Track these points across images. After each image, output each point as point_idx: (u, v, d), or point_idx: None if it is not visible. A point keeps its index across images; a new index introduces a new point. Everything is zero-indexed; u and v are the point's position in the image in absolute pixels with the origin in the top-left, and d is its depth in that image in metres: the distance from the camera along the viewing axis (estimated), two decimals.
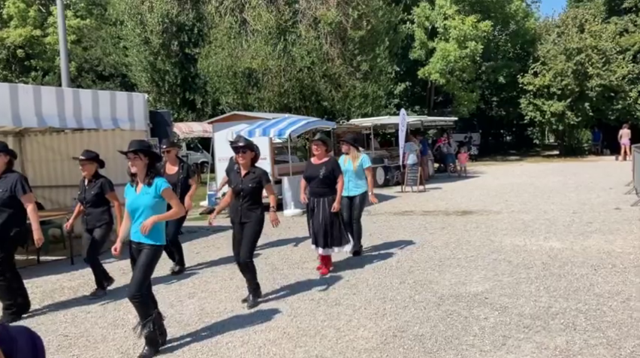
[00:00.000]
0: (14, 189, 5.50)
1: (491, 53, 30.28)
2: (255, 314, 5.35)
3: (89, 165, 6.38)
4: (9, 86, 7.73)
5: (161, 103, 21.50)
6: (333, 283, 6.34)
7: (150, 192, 4.49)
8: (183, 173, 7.44)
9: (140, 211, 4.48)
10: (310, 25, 20.60)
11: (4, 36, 29.26)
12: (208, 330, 4.98)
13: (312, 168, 6.77)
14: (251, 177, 5.63)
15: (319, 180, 6.63)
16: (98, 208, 6.40)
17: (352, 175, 7.51)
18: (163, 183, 4.56)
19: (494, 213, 10.88)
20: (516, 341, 4.31)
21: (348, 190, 7.49)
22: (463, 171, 20.72)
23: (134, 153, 4.47)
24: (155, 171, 4.59)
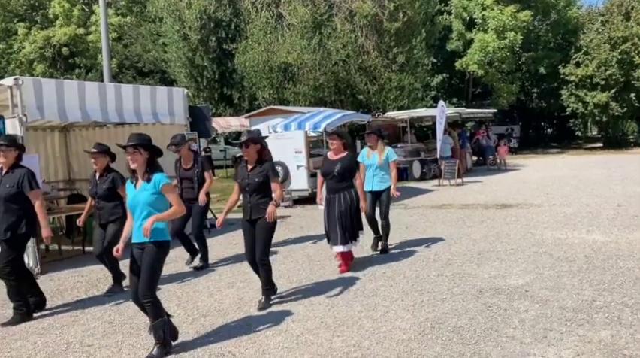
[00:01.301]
0: (21, 185, 5.29)
1: (531, 44, 29.51)
2: (292, 304, 5.40)
3: (101, 158, 6.20)
4: (55, 82, 8.01)
5: (199, 98, 21.84)
6: (369, 274, 6.34)
7: (149, 189, 4.28)
8: (198, 167, 7.28)
9: (140, 208, 4.28)
10: (346, 18, 20.53)
11: (50, 35, 30.21)
12: (246, 319, 5.06)
13: (328, 163, 6.49)
14: (257, 171, 5.33)
15: (334, 177, 6.37)
16: (110, 203, 6.19)
17: (377, 169, 7.23)
18: (163, 179, 4.31)
19: (535, 207, 10.65)
20: (558, 334, 4.22)
21: (372, 185, 7.25)
22: (503, 164, 20.33)
23: (134, 148, 4.24)
24: (155, 166, 4.36)
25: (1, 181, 5.34)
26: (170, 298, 5.83)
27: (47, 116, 7.75)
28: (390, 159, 7.28)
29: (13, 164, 5.38)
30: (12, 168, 5.36)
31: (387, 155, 7.28)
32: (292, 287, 6.01)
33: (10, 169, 5.36)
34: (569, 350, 3.92)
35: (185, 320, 5.12)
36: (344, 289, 5.79)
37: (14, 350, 4.60)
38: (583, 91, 27.40)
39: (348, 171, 6.36)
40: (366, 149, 7.48)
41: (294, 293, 5.78)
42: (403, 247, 7.70)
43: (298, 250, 7.86)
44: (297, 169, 13.15)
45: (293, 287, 6.01)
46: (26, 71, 29.56)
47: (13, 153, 5.39)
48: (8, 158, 5.35)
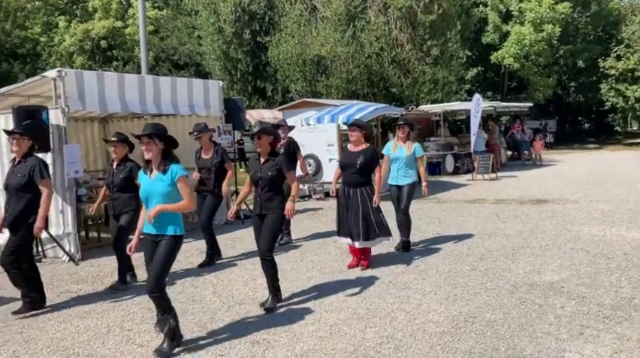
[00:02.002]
0: (32, 174, 5.22)
1: (570, 36, 28.80)
2: (325, 295, 5.46)
3: (120, 147, 6.11)
4: (96, 74, 8.24)
5: (233, 91, 22.05)
6: (401, 268, 6.35)
7: (165, 180, 4.18)
8: (217, 157, 7.12)
9: (155, 199, 4.18)
10: (380, 11, 20.38)
11: (90, 28, 30.91)
12: (281, 308, 5.14)
13: (349, 155, 6.29)
14: (270, 165, 5.15)
15: (355, 169, 6.14)
16: (125, 193, 6.04)
17: (403, 163, 7.04)
18: (179, 171, 4.22)
19: (571, 203, 10.45)
20: (595, 331, 4.17)
21: (397, 179, 7.10)
22: (538, 159, 19.96)
23: (149, 138, 4.15)
24: (171, 157, 4.26)
25: (14, 171, 5.34)
26: (205, 287, 5.96)
27: (88, 107, 7.97)
28: (417, 154, 7.10)
29: (25, 153, 5.36)
30: (24, 158, 5.34)
31: (414, 150, 7.08)
32: (325, 278, 6.07)
33: (23, 158, 5.33)
34: (606, 348, 3.88)
35: (221, 308, 5.23)
36: (376, 282, 5.81)
37: (59, 331, 4.79)
38: (623, 85, 26.65)
39: (370, 164, 6.18)
40: (392, 142, 7.30)
41: (327, 284, 5.83)
42: (436, 242, 7.67)
43: (330, 243, 7.91)
44: (329, 162, 13.20)
45: (325, 278, 6.07)
46: (66, 64, 30.33)
47: (26, 142, 5.38)
48: (22, 147, 5.33)
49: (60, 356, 4.25)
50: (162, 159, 4.21)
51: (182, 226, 4.30)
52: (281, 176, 5.16)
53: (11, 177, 5.31)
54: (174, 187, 4.19)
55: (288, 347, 4.19)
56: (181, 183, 4.20)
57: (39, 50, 32.84)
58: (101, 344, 4.46)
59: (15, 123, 6.73)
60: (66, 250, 7.30)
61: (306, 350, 4.13)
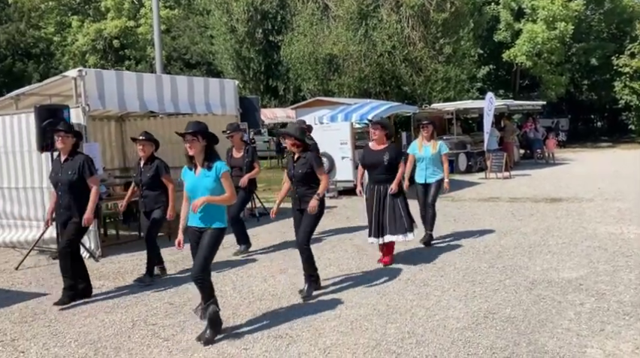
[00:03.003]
0: (81, 171, 5.47)
1: (583, 34, 28.60)
2: (344, 291, 5.52)
3: (148, 145, 6.34)
4: (115, 73, 8.35)
5: (245, 90, 22.17)
6: (419, 265, 6.39)
7: (211, 175, 4.40)
8: (248, 156, 7.56)
9: (201, 194, 4.37)
10: (392, 9, 20.40)
11: (102, 27, 31.20)
12: (300, 303, 5.21)
13: (373, 154, 6.39)
14: (301, 162, 5.42)
15: (384, 167, 6.26)
16: (154, 191, 6.29)
17: (430, 162, 7.30)
18: (223, 166, 4.46)
19: (586, 201, 10.43)
20: (616, 328, 4.20)
21: (425, 177, 7.34)
22: (551, 157, 19.88)
23: (193, 135, 4.36)
24: (214, 154, 4.48)
25: (62, 168, 5.54)
26: (225, 283, 6.05)
27: (108, 106, 8.09)
28: (442, 151, 7.34)
29: (71, 151, 5.58)
30: (71, 155, 5.56)
31: (439, 148, 7.32)
32: (343, 275, 6.13)
33: (70, 156, 5.56)
34: (628, 344, 3.91)
35: (242, 303, 5.31)
36: (395, 279, 5.87)
37: (85, 325, 4.90)
38: (637, 83, 26.41)
39: (396, 161, 6.30)
40: (417, 141, 7.51)
41: (345, 281, 5.90)
42: (452, 239, 7.70)
43: (346, 240, 7.97)
44: (342, 160, 13.25)
45: (343, 275, 6.13)
46: (79, 63, 30.60)
47: (71, 139, 5.59)
48: (66, 144, 5.55)
49: (89, 349, 4.35)
50: (206, 155, 4.43)
51: (225, 220, 4.57)
52: (313, 172, 5.40)
53: (61, 174, 5.53)
54: (218, 182, 4.42)
55: (311, 342, 4.26)
56: (224, 178, 4.43)
57: (52, 49, 33.19)
58: (127, 337, 4.55)
59: (37, 122, 6.87)
60: (86, 246, 7.42)
61: (329, 344, 4.20)
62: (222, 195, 4.44)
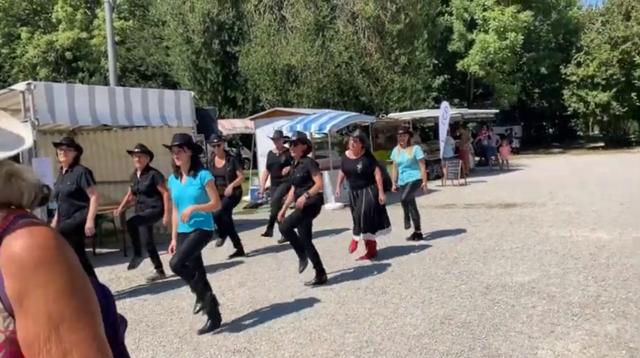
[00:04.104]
0: (80, 182, 5.90)
1: (532, 44, 29.67)
2: (303, 302, 5.52)
3: (143, 157, 6.84)
4: (66, 86, 8.14)
5: (203, 101, 21.97)
6: (378, 273, 6.45)
7: (196, 184, 4.74)
8: (230, 165, 7.93)
9: (186, 202, 4.72)
10: (348, 21, 20.68)
11: (54, 39, 30.37)
12: (259, 317, 5.18)
13: (349, 162, 7.09)
14: (300, 167, 6.08)
15: (357, 175, 6.98)
16: (150, 198, 6.82)
17: (406, 166, 8.07)
18: (207, 175, 4.81)
19: (538, 206, 10.76)
20: (565, 329, 4.33)
21: (403, 179, 8.12)
22: (505, 164, 20.45)
23: (179, 146, 4.71)
24: (198, 163, 4.85)
25: (63, 179, 5.99)
26: (183, 298, 5.94)
27: (58, 120, 7.88)
28: (417, 157, 8.06)
29: (72, 163, 6.01)
30: (71, 167, 6.00)
31: (415, 153, 8.06)
32: (303, 286, 6.12)
33: (70, 168, 5.99)
34: (576, 344, 4.04)
35: (200, 319, 5.22)
36: (354, 287, 5.90)
37: None
38: (584, 91, 27.53)
39: (368, 169, 6.95)
40: (396, 148, 8.32)
41: (305, 291, 5.89)
42: (410, 246, 7.81)
43: None
44: None
45: (304, 286, 6.12)
46: (29, 76, 29.67)
47: (72, 152, 6.04)
48: (68, 157, 6.00)
49: None
50: (191, 165, 4.76)
51: (211, 225, 4.93)
52: (309, 176, 5.99)
53: (61, 185, 5.97)
54: (203, 190, 4.76)
55: (269, 355, 4.23)
56: (209, 187, 4.78)
57: (0, 62, 32.09)
58: None
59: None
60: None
61: (287, 357, 4.18)
62: (208, 203, 4.78)
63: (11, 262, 0.85)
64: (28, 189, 0.96)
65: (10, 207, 0.94)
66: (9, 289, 0.86)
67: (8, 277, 0.86)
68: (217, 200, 4.87)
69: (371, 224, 6.95)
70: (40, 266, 0.85)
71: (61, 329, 0.85)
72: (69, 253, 0.89)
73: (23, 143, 0.94)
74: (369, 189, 6.96)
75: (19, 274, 0.85)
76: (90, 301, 0.89)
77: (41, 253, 0.86)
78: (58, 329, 0.85)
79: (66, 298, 0.86)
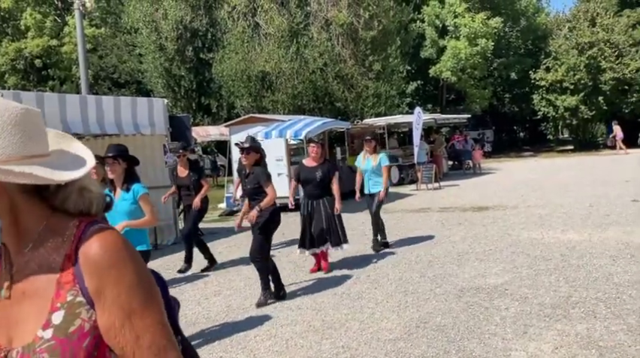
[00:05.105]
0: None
1: (502, 50, 30.25)
2: (280, 310, 5.51)
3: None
4: (35, 95, 8.02)
5: (177, 108, 21.81)
6: (354, 278, 6.48)
7: (128, 199, 4.42)
8: (194, 175, 7.59)
9: (119, 218, 4.34)
10: (322, 27, 20.79)
11: (22, 46, 29.81)
12: (235, 325, 5.15)
13: (307, 170, 6.71)
14: (251, 178, 5.67)
15: (316, 183, 6.63)
16: None
17: (372, 173, 7.80)
18: (141, 189, 4.49)
19: (510, 208, 10.95)
20: (537, 330, 4.42)
21: (369, 188, 7.83)
22: (478, 168, 20.76)
23: (113, 158, 4.40)
24: (133, 176, 4.51)
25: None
26: None
27: None
28: (382, 163, 7.82)
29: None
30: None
31: (380, 160, 7.82)
32: None
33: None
34: (548, 344, 4.12)
35: None
36: (330, 293, 5.91)
37: None
38: (553, 95, 28.16)
39: (327, 177, 6.67)
40: (362, 154, 8.04)
41: (281, 300, 5.88)
42: (385, 251, 7.86)
43: (282, 257, 7.96)
44: (278, 176, 13.24)
45: None
46: None
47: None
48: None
49: None
50: (125, 178, 4.46)
51: (148, 242, 4.61)
52: (261, 187, 5.59)
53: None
54: (137, 205, 4.42)
55: None
56: (143, 201, 4.46)
57: None
58: None
59: None
60: None
61: None
62: (142, 219, 4.47)
63: (89, 263, 1.03)
64: (96, 199, 1.13)
65: (81, 215, 1.11)
66: (89, 286, 1.03)
67: (88, 276, 1.03)
68: (153, 216, 4.50)
69: (331, 236, 6.64)
70: (112, 266, 1.03)
71: (132, 318, 1.03)
72: (134, 253, 1.08)
73: (87, 163, 1.11)
74: (325, 200, 6.64)
75: (96, 273, 1.03)
76: (154, 292, 1.08)
77: (112, 255, 1.04)
78: (130, 318, 1.03)
79: (134, 291, 1.04)
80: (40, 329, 1.03)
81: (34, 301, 1.06)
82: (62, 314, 1.03)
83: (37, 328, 1.04)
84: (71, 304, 1.04)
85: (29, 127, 1.07)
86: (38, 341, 1.02)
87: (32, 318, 1.05)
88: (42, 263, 1.07)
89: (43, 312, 1.04)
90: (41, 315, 1.04)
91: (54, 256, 1.07)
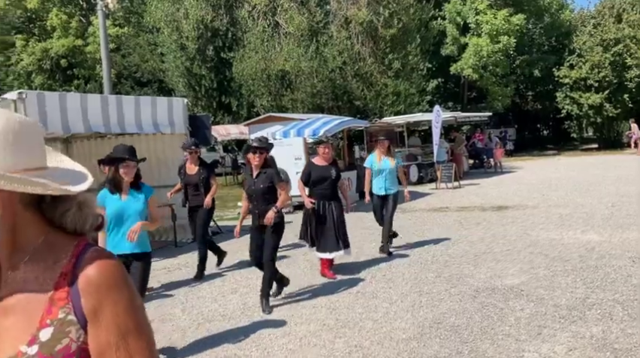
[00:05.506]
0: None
1: (525, 47, 29.83)
2: (294, 308, 5.56)
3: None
4: (58, 95, 8.19)
5: (198, 107, 22.03)
6: (370, 277, 6.50)
7: (141, 198, 4.43)
8: (204, 173, 7.41)
9: (133, 218, 4.36)
10: (342, 26, 20.79)
11: (48, 47, 30.40)
12: (251, 323, 5.21)
13: (321, 169, 6.50)
14: (262, 178, 5.49)
15: (331, 182, 6.46)
16: None
17: (389, 174, 7.51)
18: (151, 189, 4.56)
19: (531, 208, 10.83)
20: (552, 331, 4.38)
21: (385, 189, 7.52)
22: (499, 166, 20.55)
23: (137, 161, 4.46)
24: (138, 176, 4.54)
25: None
26: (175, 305, 5.98)
27: (50, 129, 7.88)
28: (399, 163, 7.77)
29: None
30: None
31: (397, 160, 7.72)
32: (295, 291, 6.16)
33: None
34: (562, 346, 4.09)
35: (191, 325, 5.26)
36: (345, 292, 5.94)
37: None
38: (577, 93, 27.70)
39: (339, 176, 6.63)
40: (375, 155, 7.68)
41: (297, 297, 5.93)
42: (402, 250, 7.86)
43: (300, 255, 8.01)
44: (297, 175, 13.29)
45: (295, 291, 6.16)
46: (24, 84, 29.70)
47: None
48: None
49: None
50: (135, 178, 4.48)
51: (149, 243, 4.60)
52: (274, 187, 5.47)
53: None
54: (147, 205, 4.44)
55: None
56: (152, 202, 4.52)
57: None
58: None
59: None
60: None
61: None
62: (154, 220, 4.56)
63: (89, 284, 1.05)
64: (92, 217, 1.14)
65: (75, 233, 1.12)
66: (85, 306, 1.05)
67: (86, 296, 1.05)
68: (159, 216, 4.58)
69: (341, 241, 6.48)
70: (111, 287, 1.06)
71: (128, 338, 1.06)
72: (128, 277, 1.12)
73: (88, 178, 1.12)
74: (334, 204, 6.49)
75: (95, 294, 1.05)
76: (145, 316, 1.12)
77: (112, 277, 1.07)
78: (125, 338, 1.05)
79: (131, 313, 1.07)
80: (25, 344, 1.02)
81: (22, 317, 1.05)
82: (51, 331, 1.03)
83: (22, 343, 1.03)
84: (62, 322, 1.04)
85: (30, 138, 1.08)
86: (21, 357, 1.02)
87: (18, 333, 1.04)
88: (35, 279, 1.07)
89: (30, 328, 1.04)
90: (28, 331, 1.03)
91: (49, 273, 1.07)
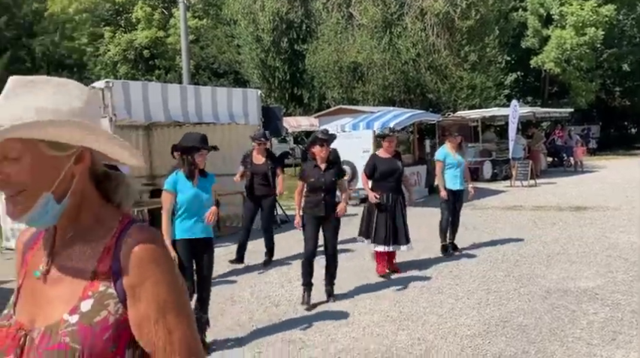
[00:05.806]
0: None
1: (614, 39, 28.07)
2: (359, 299, 5.61)
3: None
4: (141, 84, 8.63)
5: (271, 98, 22.45)
6: (436, 273, 6.43)
7: (208, 185, 4.63)
8: (271, 163, 7.56)
9: (206, 201, 4.54)
10: (416, 17, 20.44)
11: (133, 38, 32.02)
12: (315, 310, 5.32)
13: (387, 162, 6.41)
14: (332, 171, 5.54)
15: (400, 174, 6.42)
16: None
17: (460, 170, 7.34)
18: (213, 177, 4.73)
19: (612, 210, 10.27)
20: (627, 337, 4.18)
21: (459, 184, 7.34)
22: (579, 165, 19.57)
23: (204, 148, 4.59)
24: None
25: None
26: (243, 288, 6.19)
27: (134, 116, 8.35)
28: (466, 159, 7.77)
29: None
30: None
31: (465, 156, 7.70)
32: (359, 283, 6.21)
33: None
34: (637, 353, 3.89)
35: (258, 308, 5.44)
36: (410, 286, 5.92)
37: None
38: None
39: (403, 171, 6.58)
40: (448, 148, 7.46)
41: (361, 288, 5.98)
42: (471, 248, 7.70)
43: (364, 248, 8.02)
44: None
45: (360, 283, 6.21)
46: (110, 73, 31.45)
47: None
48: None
49: None
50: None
51: None
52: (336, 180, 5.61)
53: None
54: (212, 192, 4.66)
55: (323, 347, 4.36)
56: (214, 188, 4.72)
57: (85, 60, 34.16)
58: None
59: None
60: None
61: (339, 349, 4.29)
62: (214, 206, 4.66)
63: (133, 257, 1.08)
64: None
65: (118, 207, 1.18)
66: (127, 279, 1.08)
67: (128, 270, 1.08)
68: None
69: (402, 235, 6.41)
70: (154, 262, 1.09)
71: (167, 314, 1.08)
72: (169, 254, 1.15)
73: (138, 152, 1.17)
74: (402, 195, 6.47)
75: (138, 268, 1.08)
76: (185, 292, 1.14)
77: (154, 253, 1.10)
78: (165, 313, 1.08)
79: (172, 290, 1.10)
80: (67, 312, 1.07)
81: (67, 285, 1.10)
82: (91, 303, 1.07)
83: (65, 311, 1.07)
84: (102, 295, 1.08)
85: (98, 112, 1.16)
86: (63, 324, 1.06)
87: (62, 301, 1.09)
88: (82, 250, 1.12)
89: (73, 297, 1.08)
90: (71, 300, 1.08)
91: (95, 247, 1.11)
